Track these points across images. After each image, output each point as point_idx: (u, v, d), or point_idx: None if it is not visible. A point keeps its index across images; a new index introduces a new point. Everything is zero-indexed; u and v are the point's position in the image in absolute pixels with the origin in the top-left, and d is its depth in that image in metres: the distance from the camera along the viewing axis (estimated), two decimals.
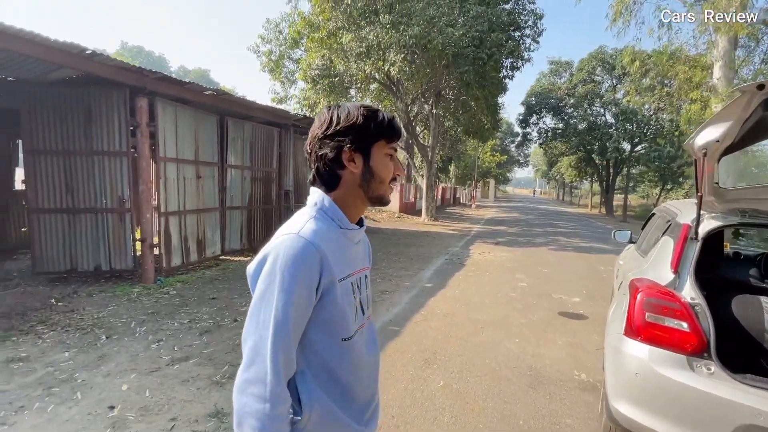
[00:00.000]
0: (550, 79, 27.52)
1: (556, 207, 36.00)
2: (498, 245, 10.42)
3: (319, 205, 0.88)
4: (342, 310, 0.84)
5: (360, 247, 0.96)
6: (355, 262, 0.92)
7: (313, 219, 0.84)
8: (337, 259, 0.83)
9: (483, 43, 11.14)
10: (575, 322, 4.44)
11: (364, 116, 0.85)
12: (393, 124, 0.88)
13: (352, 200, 0.90)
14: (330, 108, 0.88)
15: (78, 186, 5.26)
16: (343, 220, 0.88)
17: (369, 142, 0.86)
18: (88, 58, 4.46)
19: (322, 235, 0.82)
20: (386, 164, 0.89)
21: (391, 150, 0.90)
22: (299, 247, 0.77)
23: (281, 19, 13.61)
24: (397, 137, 0.89)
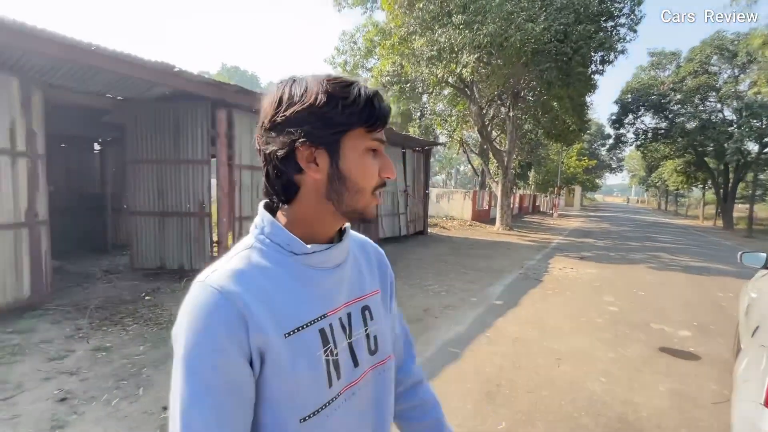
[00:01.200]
0: (650, 73, 24.32)
1: (656, 218, 31.52)
2: (583, 260, 9.29)
3: (259, 228, 0.62)
4: (294, 378, 0.57)
5: (344, 271, 0.66)
6: (332, 296, 0.64)
7: (246, 251, 0.60)
8: (281, 305, 0.57)
9: (568, 37, 10.13)
10: (683, 363, 3.61)
11: (327, 93, 0.56)
12: (374, 103, 0.58)
13: (318, 217, 0.62)
14: (282, 83, 0.60)
15: (167, 191, 5.82)
16: (293, 243, 0.60)
17: (337, 132, 0.57)
18: (176, 75, 4.88)
19: (253, 274, 0.57)
20: (366, 164, 0.60)
21: (375, 142, 0.60)
22: (204, 301, 0.53)
23: (356, 30, 14.00)
24: (381, 122, 0.60)
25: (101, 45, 4.00)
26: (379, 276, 0.77)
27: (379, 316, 0.72)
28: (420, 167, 12.42)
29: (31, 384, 2.78)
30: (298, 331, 0.58)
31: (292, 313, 0.58)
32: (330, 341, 0.61)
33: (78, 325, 3.91)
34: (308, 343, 0.59)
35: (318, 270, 0.62)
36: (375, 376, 0.69)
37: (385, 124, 0.61)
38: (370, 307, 0.71)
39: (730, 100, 21.19)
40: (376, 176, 0.62)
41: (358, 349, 0.66)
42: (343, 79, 0.59)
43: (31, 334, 3.65)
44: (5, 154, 3.95)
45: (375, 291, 0.73)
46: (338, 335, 0.63)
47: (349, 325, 0.66)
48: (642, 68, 24.90)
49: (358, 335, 0.67)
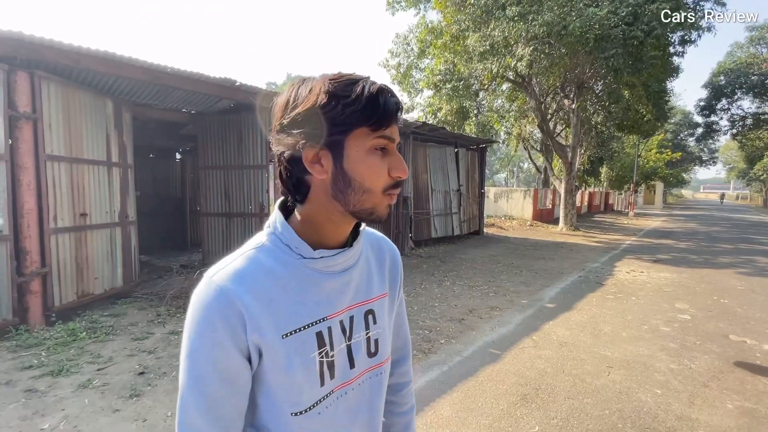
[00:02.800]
0: (748, 50, 21.19)
1: (760, 216, 27.22)
2: (657, 263, 8.43)
3: (271, 227, 0.64)
4: (289, 376, 0.60)
5: (353, 274, 0.67)
6: (335, 300, 0.65)
7: (254, 250, 0.62)
8: (281, 307, 0.59)
9: (638, 19, 9.24)
10: (762, 381, 3.17)
11: (328, 93, 0.56)
12: (378, 100, 0.56)
13: (327, 216, 0.62)
14: (292, 84, 0.61)
15: (232, 194, 6.42)
16: (301, 247, 0.61)
17: (339, 132, 0.57)
18: (237, 88, 5.39)
19: (257, 275, 0.59)
20: (372, 164, 0.58)
21: (382, 140, 0.58)
22: (207, 298, 0.57)
23: (409, 31, 14.07)
24: (387, 120, 0.57)
25: (175, 67, 4.57)
26: (389, 277, 0.77)
27: (382, 320, 0.73)
28: (474, 166, 12.16)
29: (119, 359, 3.29)
30: (296, 333, 0.60)
31: (291, 315, 0.60)
32: (326, 343, 0.63)
33: (158, 311, 4.51)
34: (304, 345, 0.61)
35: (324, 273, 0.63)
36: (371, 377, 0.71)
37: (392, 121, 0.59)
38: (375, 312, 0.71)
39: None
40: (385, 175, 0.60)
41: (356, 351, 0.68)
42: (347, 77, 0.58)
43: (121, 317, 4.29)
44: (102, 165, 4.68)
45: (383, 294, 0.74)
46: (336, 338, 0.65)
47: (350, 328, 0.67)
48: (738, 45, 21.82)
49: (358, 338, 0.68)
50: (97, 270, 4.58)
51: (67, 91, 4.19)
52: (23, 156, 3.72)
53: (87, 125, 4.44)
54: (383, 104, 0.57)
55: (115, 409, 2.56)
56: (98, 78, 4.61)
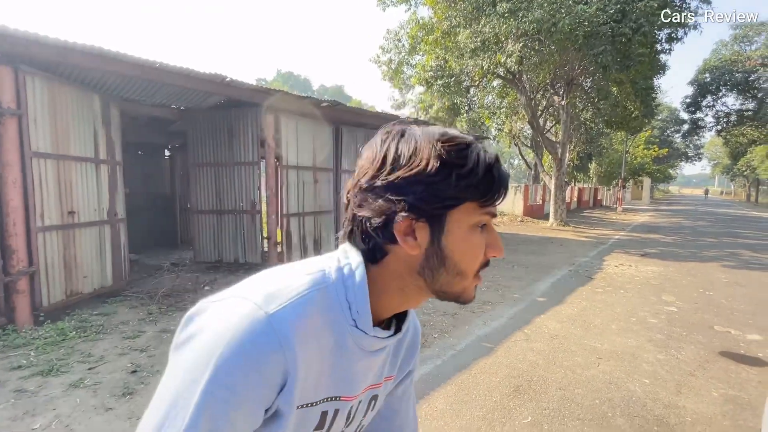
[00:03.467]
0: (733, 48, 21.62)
1: (743, 211, 27.90)
2: (645, 257, 8.60)
3: (345, 273, 0.51)
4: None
5: (381, 357, 0.57)
6: (353, 382, 0.55)
7: (315, 291, 0.48)
8: (312, 375, 0.49)
9: (626, 16, 9.37)
10: (745, 369, 3.27)
11: (441, 159, 0.48)
12: (493, 172, 0.50)
13: (400, 287, 0.53)
14: (387, 136, 0.51)
15: (223, 191, 6.36)
16: (363, 317, 0.51)
17: (446, 206, 0.49)
18: (228, 84, 5.32)
19: (313, 330, 0.47)
20: (473, 243, 0.51)
21: (487, 216, 0.51)
22: (260, 340, 0.43)
23: (400, 27, 14.04)
24: (499, 196, 0.51)
25: (164, 62, 4.50)
26: (402, 360, 0.67)
27: (380, 405, 0.66)
28: None
29: (110, 357, 3.25)
30: (308, 406, 0.51)
31: (313, 386, 0.50)
32: (326, 425, 0.54)
33: (149, 310, 4.46)
34: (306, 421, 0.52)
35: (363, 351, 0.53)
36: None
37: (504, 196, 0.52)
38: (378, 397, 0.63)
39: None
40: (482, 255, 0.52)
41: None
42: (459, 140, 0.50)
43: (112, 316, 4.23)
44: (90, 162, 4.60)
45: (390, 377, 0.65)
46: (339, 422, 0.56)
47: (354, 413, 0.59)
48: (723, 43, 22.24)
49: (356, 425, 0.61)
50: (86, 269, 4.51)
51: (53, 86, 4.10)
52: (7, 153, 3.64)
53: (74, 121, 4.36)
54: (498, 177, 0.50)
55: (107, 407, 2.54)
56: (85, 73, 4.52)
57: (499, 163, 0.51)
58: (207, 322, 0.45)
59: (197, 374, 0.42)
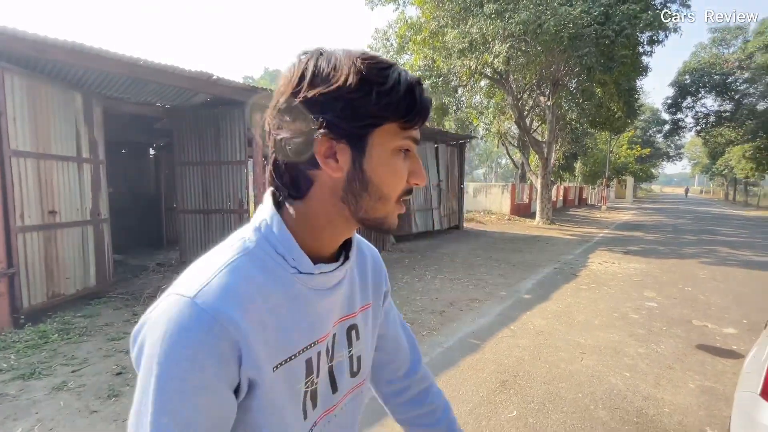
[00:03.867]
0: (711, 51, 22.23)
1: (722, 209, 28.76)
2: (627, 254, 8.81)
3: (262, 230, 0.51)
4: (279, 414, 0.50)
5: (341, 290, 0.58)
6: (325, 320, 0.56)
7: (239, 258, 0.48)
8: (274, 333, 0.49)
9: (609, 19, 9.57)
10: (721, 362, 3.40)
11: (361, 75, 0.46)
12: (415, 93, 0.48)
13: (329, 221, 0.52)
14: (306, 54, 0.49)
15: (210, 191, 6.29)
16: (300, 260, 0.51)
17: (367, 124, 0.47)
18: (214, 82, 5.27)
19: (251, 293, 0.47)
20: (395, 167, 0.50)
21: (408, 141, 0.50)
22: (190, 326, 0.42)
23: (388, 26, 14.05)
24: (421, 117, 0.49)
25: (148, 59, 4.43)
26: (372, 285, 0.67)
27: (366, 335, 0.64)
28: (454, 161, 12.32)
29: (94, 360, 3.20)
30: (286, 362, 0.50)
31: (282, 342, 0.50)
32: (314, 370, 0.54)
33: (134, 311, 4.39)
34: (293, 375, 0.51)
35: (316, 291, 0.53)
36: (353, 399, 0.63)
37: (425, 119, 0.50)
38: (358, 326, 0.62)
39: None
40: (404, 182, 0.51)
41: (338, 373, 0.59)
42: (380, 59, 0.48)
43: (96, 318, 4.16)
44: (72, 161, 4.51)
45: (365, 306, 0.65)
46: (323, 361, 0.56)
47: (332, 348, 0.58)
48: (702, 46, 22.86)
49: (340, 357, 0.60)
50: (68, 269, 4.42)
51: (33, 83, 4.01)
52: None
53: (55, 119, 4.26)
54: (420, 98, 0.48)
55: (92, 410, 2.50)
56: (66, 70, 4.43)
57: (420, 86, 0.49)
58: (146, 333, 0.45)
59: (146, 381, 0.42)
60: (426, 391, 0.78)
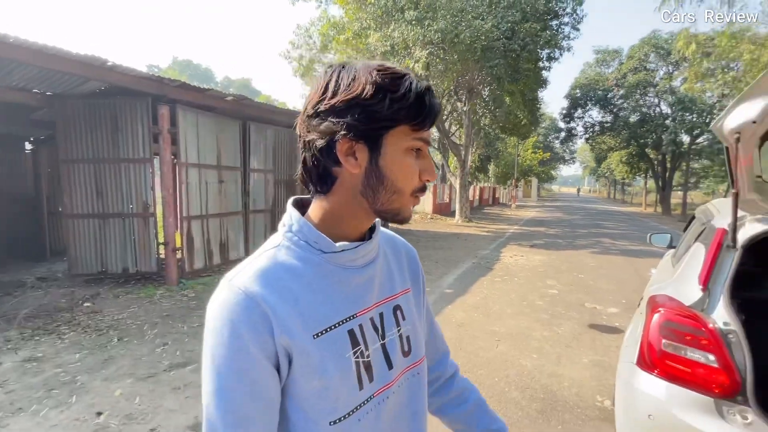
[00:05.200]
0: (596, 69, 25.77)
1: (605, 206, 33.65)
2: (533, 248, 9.80)
3: (287, 226, 0.61)
4: (323, 381, 0.56)
5: (375, 269, 0.64)
6: (363, 296, 0.62)
7: (273, 249, 0.59)
8: (309, 306, 0.56)
9: (515, 34, 10.55)
10: (607, 337, 3.95)
11: (376, 84, 0.53)
12: (424, 99, 0.55)
13: (351, 212, 0.60)
14: (331, 68, 0.57)
15: (107, 192, 5.54)
16: (321, 241, 0.58)
17: (381, 127, 0.54)
18: (110, 69, 4.64)
19: (279, 274, 0.56)
20: (407, 165, 0.57)
21: (419, 142, 0.57)
22: (228, 302, 0.53)
23: (311, 24, 13.79)
24: (429, 121, 0.56)
25: (20, 37, 3.75)
26: (409, 274, 0.74)
27: (411, 315, 0.69)
28: None
29: None
30: (327, 332, 0.57)
31: (320, 313, 0.57)
32: (360, 342, 0.60)
33: (7, 336, 3.68)
34: (337, 344, 0.57)
35: (347, 268, 0.60)
36: (409, 378, 0.67)
37: (434, 122, 0.58)
38: (402, 307, 0.68)
39: (666, 95, 22.90)
40: (416, 178, 0.58)
41: (391, 350, 0.64)
42: (394, 70, 0.55)
43: None
44: None
45: (406, 290, 0.71)
46: (370, 336, 0.61)
47: (381, 326, 0.64)
48: (589, 65, 26.32)
49: (392, 336, 0.65)
50: None
51: None
52: None
53: None
54: (429, 104, 0.55)
55: None
56: None
57: (430, 93, 0.56)
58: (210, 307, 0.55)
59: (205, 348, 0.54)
60: (453, 378, 0.85)
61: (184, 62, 59.67)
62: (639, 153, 26.23)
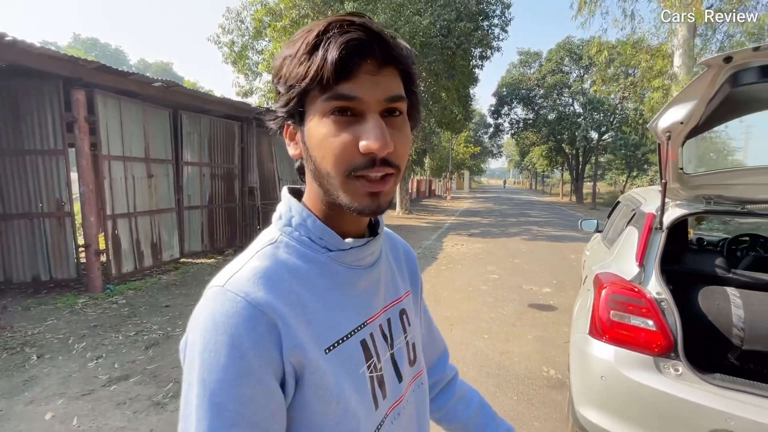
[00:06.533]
0: (520, 70, 27.82)
1: (529, 196, 36.76)
2: (471, 237, 10.40)
3: (285, 218, 0.51)
4: (342, 402, 0.46)
5: (380, 270, 0.56)
6: (370, 300, 0.54)
7: (270, 247, 0.48)
8: (317, 314, 0.46)
9: (451, 32, 10.97)
10: (545, 314, 4.37)
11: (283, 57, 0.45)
12: (318, 45, 0.42)
13: (326, 203, 0.51)
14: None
15: (8, 189, 4.76)
16: (328, 237, 0.49)
17: (292, 97, 0.45)
18: (9, 45, 3.97)
19: (282, 276, 0.46)
20: (322, 136, 0.44)
21: (336, 101, 0.43)
22: (225, 312, 0.41)
23: (242, 7, 12.98)
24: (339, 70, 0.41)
25: None
26: (409, 275, 0.68)
27: (414, 320, 0.63)
28: None
29: None
30: (339, 344, 0.47)
31: (330, 322, 0.47)
32: (373, 354, 0.51)
33: None
34: (351, 359, 0.48)
35: (354, 269, 0.52)
36: (414, 390, 0.60)
37: (350, 71, 0.42)
38: (407, 311, 0.62)
39: (578, 96, 25.52)
40: (348, 151, 0.43)
41: (400, 360, 0.57)
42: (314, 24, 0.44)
43: None
44: None
45: (407, 292, 0.64)
46: (380, 346, 0.53)
47: (390, 333, 0.56)
48: (513, 65, 28.30)
49: (399, 344, 0.57)
50: None
51: None
52: None
53: None
54: (327, 48, 0.41)
55: None
56: None
57: (332, 32, 0.42)
58: (188, 330, 0.44)
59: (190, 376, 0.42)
60: (453, 381, 0.81)
61: (88, 41, 52.54)
62: (556, 148, 28.98)
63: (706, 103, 1.43)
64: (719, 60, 1.24)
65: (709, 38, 11.12)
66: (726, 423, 1.39)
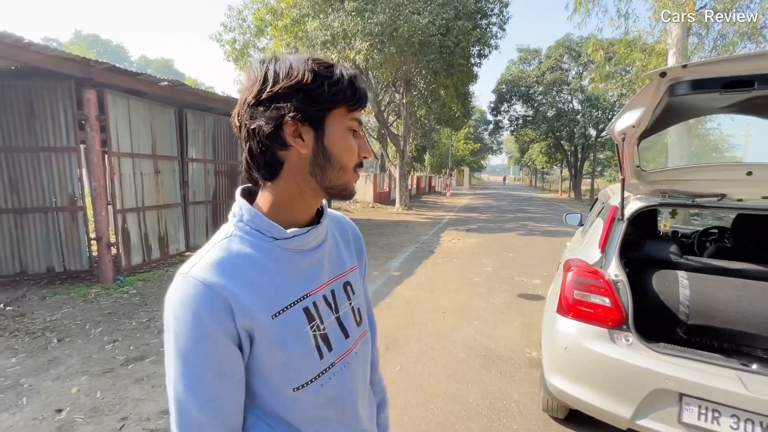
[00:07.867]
0: (519, 67, 27.95)
1: (528, 193, 36.99)
2: (468, 232, 10.63)
3: (237, 216, 0.65)
4: (286, 354, 0.62)
5: (324, 250, 0.70)
6: (314, 276, 0.68)
7: (225, 240, 0.63)
8: (265, 289, 0.61)
9: (450, 31, 11.16)
10: (533, 303, 4.62)
11: (314, 72, 0.59)
12: (355, 84, 0.62)
13: (300, 194, 0.64)
14: (263, 61, 0.61)
15: (24, 184, 5.00)
16: (273, 229, 0.63)
17: (323, 108, 0.60)
18: (25, 48, 4.20)
19: (234, 262, 0.60)
20: (348, 143, 0.63)
21: (355, 122, 0.64)
22: (189, 293, 0.56)
23: (244, 6, 13.16)
24: (361, 102, 0.63)
25: None
26: (355, 252, 0.81)
27: (359, 290, 0.77)
28: None
29: None
30: (284, 311, 0.62)
31: (276, 295, 0.62)
32: (315, 317, 0.66)
33: None
34: (294, 321, 0.63)
35: (298, 252, 0.65)
36: (361, 345, 0.75)
37: (365, 104, 0.63)
38: (351, 283, 0.75)
39: (577, 93, 25.66)
40: (356, 155, 0.64)
41: (345, 321, 0.71)
42: (324, 60, 0.61)
43: None
44: None
45: (353, 267, 0.78)
46: (324, 311, 0.67)
47: (334, 301, 0.70)
48: (513, 62, 28.41)
49: (344, 309, 0.71)
50: None
51: None
52: None
53: None
54: (359, 87, 0.62)
55: None
56: None
57: (358, 78, 0.63)
58: (164, 308, 0.60)
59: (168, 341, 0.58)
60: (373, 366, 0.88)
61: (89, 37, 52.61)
62: (555, 144, 29.15)
63: (652, 110, 1.66)
64: (656, 74, 1.47)
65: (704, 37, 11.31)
66: (665, 383, 1.64)
